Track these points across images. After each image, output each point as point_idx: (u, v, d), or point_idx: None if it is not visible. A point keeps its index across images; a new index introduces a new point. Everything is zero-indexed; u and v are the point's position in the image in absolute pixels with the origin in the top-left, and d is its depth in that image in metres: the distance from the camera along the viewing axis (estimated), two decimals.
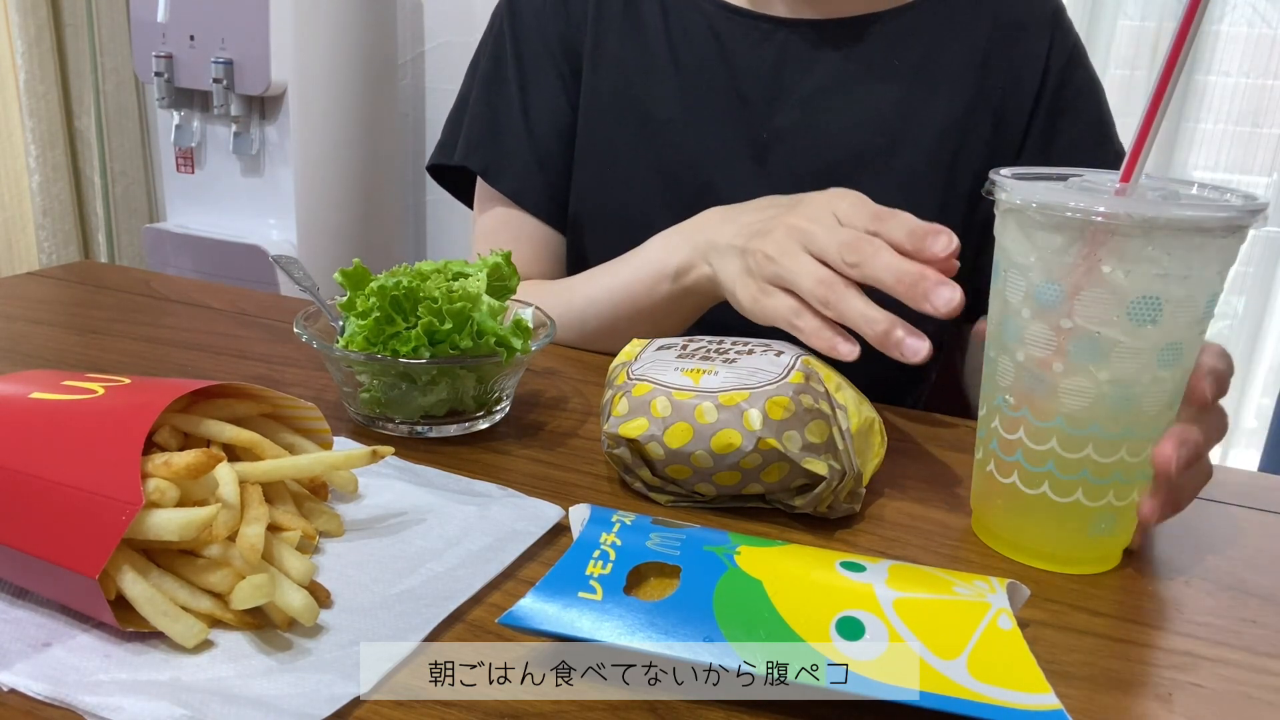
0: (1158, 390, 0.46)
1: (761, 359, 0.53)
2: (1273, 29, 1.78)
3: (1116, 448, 0.46)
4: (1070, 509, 0.47)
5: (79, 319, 0.79)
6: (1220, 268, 0.45)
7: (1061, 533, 0.48)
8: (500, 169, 0.87)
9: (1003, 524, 0.51)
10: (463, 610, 0.42)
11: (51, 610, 0.40)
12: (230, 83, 1.86)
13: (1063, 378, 0.46)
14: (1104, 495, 0.47)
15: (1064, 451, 0.47)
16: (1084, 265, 0.44)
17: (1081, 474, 0.47)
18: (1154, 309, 0.44)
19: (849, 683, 0.35)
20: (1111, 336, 0.45)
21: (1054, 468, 0.47)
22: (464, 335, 0.54)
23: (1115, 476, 0.47)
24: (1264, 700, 0.40)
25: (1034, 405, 0.47)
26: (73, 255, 2.41)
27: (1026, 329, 0.47)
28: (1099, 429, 0.46)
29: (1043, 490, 0.48)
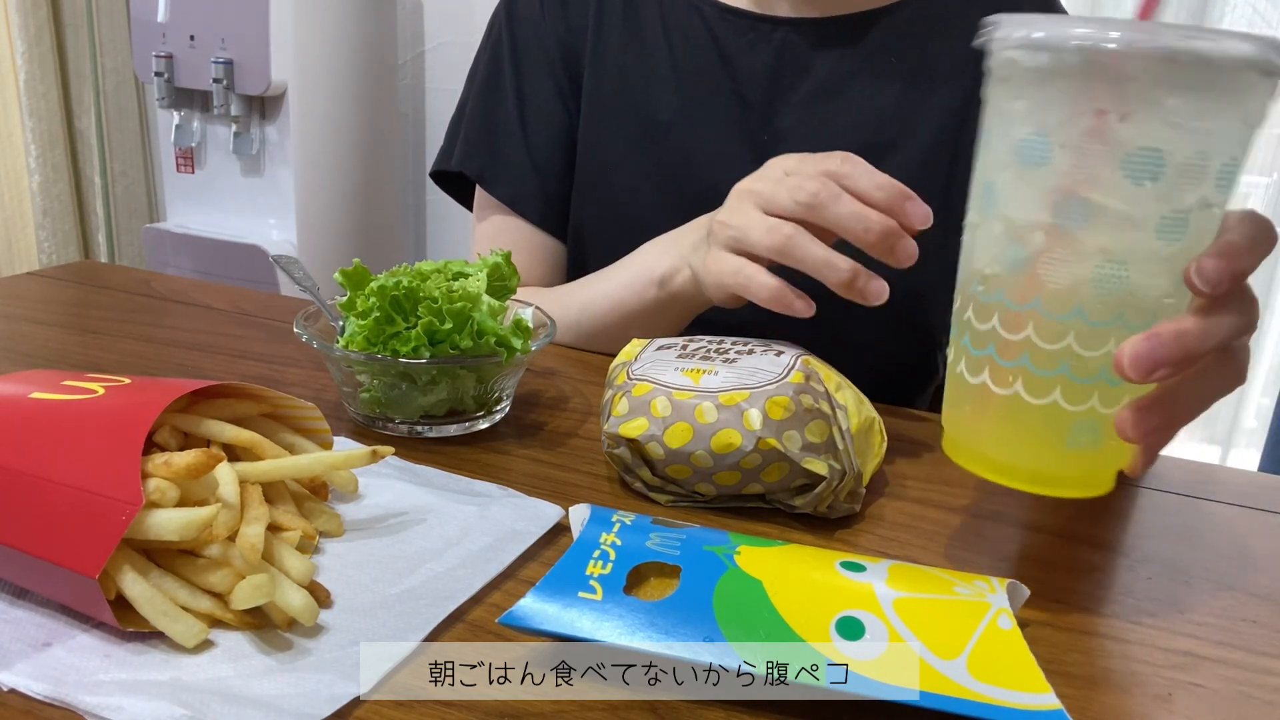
0: (1155, 270, 0.38)
1: (761, 359, 0.53)
2: (1273, 29, 1.78)
3: (1103, 338, 0.39)
4: (1046, 413, 0.40)
5: (79, 319, 0.79)
6: (1241, 124, 0.38)
7: (1036, 443, 0.42)
8: (497, 175, 0.87)
9: (970, 433, 0.44)
10: (463, 610, 0.42)
11: (51, 610, 0.40)
12: (230, 83, 1.86)
13: (1043, 250, 0.39)
14: (1087, 398, 0.40)
15: (1041, 341, 0.40)
16: (1081, 114, 0.38)
17: (1060, 369, 0.40)
18: (1154, 165, 0.37)
19: (849, 683, 0.35)
20: (1100, 199, 0.38)
21: (1029, 361, 0.40)
22: (464, 335, 0.54)
23: (1101, 376, 0.39)
24: (1264, 700, 0.40)
25: (1010, 287, 0.41)
26: (73, 255, 2.41)
27: (1006, 193, 0.41)
28: (1083, 314, 0.39)
29: (1015, 389, 0.41)
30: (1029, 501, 0.56)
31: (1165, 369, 0.38)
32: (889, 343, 0.83)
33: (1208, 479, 0.60)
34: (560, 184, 0.87)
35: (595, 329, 0.76)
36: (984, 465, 0.44)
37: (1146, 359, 0.38)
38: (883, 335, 0.82)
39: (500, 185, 0.87)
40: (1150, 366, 0.37)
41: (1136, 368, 0.38)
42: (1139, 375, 0.38)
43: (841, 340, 0.64)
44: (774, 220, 0.57)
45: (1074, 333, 0.39)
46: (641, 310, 0.73)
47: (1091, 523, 0.54)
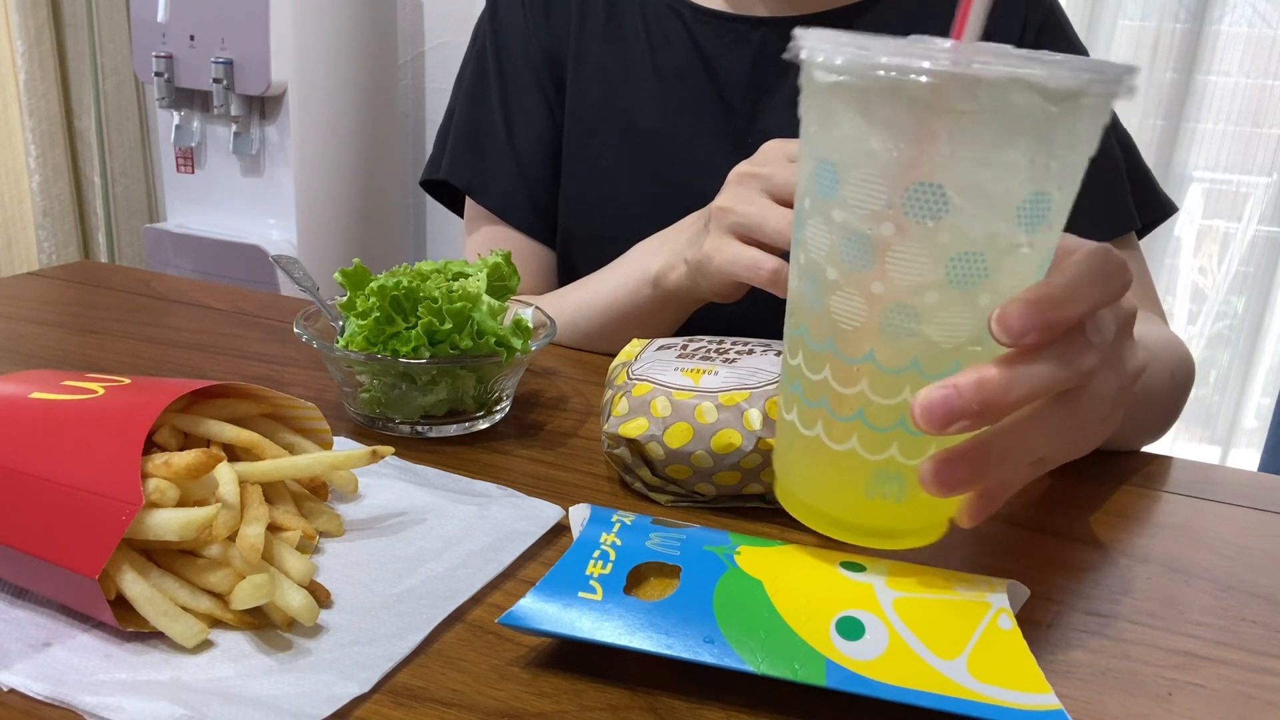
0: (952, 315, 0.35)
1: (761, 359, 0.53)
2: (1273, 29, 1.78)
3: (898, 386, 0.36)
4: (846, 460, 0.38)
5: (79, 319, 0.79)
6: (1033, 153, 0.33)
7: (840, 490, 0.39)
8: (484, 184, 0.87)
9: (783, 470, 0.42)
10: (463, 610, 0.42)
11: (51, 610, 0.40)
12: (230, 83, 1.86)
13: (834, 289, 0.36)
14: (885, 448, 0.37)
15: (838, 385, 0.37)
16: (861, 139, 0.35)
17: (856, 415, 0.37)
18: (937, 200, 0.33)
19: (849, 683, 0.35)
20: (880, 234, 0.34)
21: (827, 405, 0.37)
22: (464, 335, 0.54)
23: (899, 425, 0.37)
24: (1264, 700, 0.40)
25: (810, 323, 0.38)
26: (73, 255, 2.41)
27: (803, 222, 0.38)
28: (874, 360, 0.36)
29: (817, 432, 0.38)
30: (1029, 502, 0.56)
31: (963, 421, 0.34)
32: None
33: (1208, 479, 0.60)
34: (548, 191, 0.87)
35: (592, 331, 0.76)
36: (792, 503, 0.42)
37: (939, 409, 0.34)
38: None
39: (488, 194, 0.87)
40: (943, 418, 0.34)
41: (928, 418, 0.34)
42: (931, 426, 0.34)
43: None
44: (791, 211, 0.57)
45: (867, 378, 0.37)
46: (636, 310, 0.73)
47: (1091, 523, 0.54)
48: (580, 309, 0.77)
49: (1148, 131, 1.87)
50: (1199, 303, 1.97)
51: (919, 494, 0.37)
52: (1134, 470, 0.61)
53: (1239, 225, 1.90)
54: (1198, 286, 1.97)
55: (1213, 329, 1.98)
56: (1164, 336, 0.70)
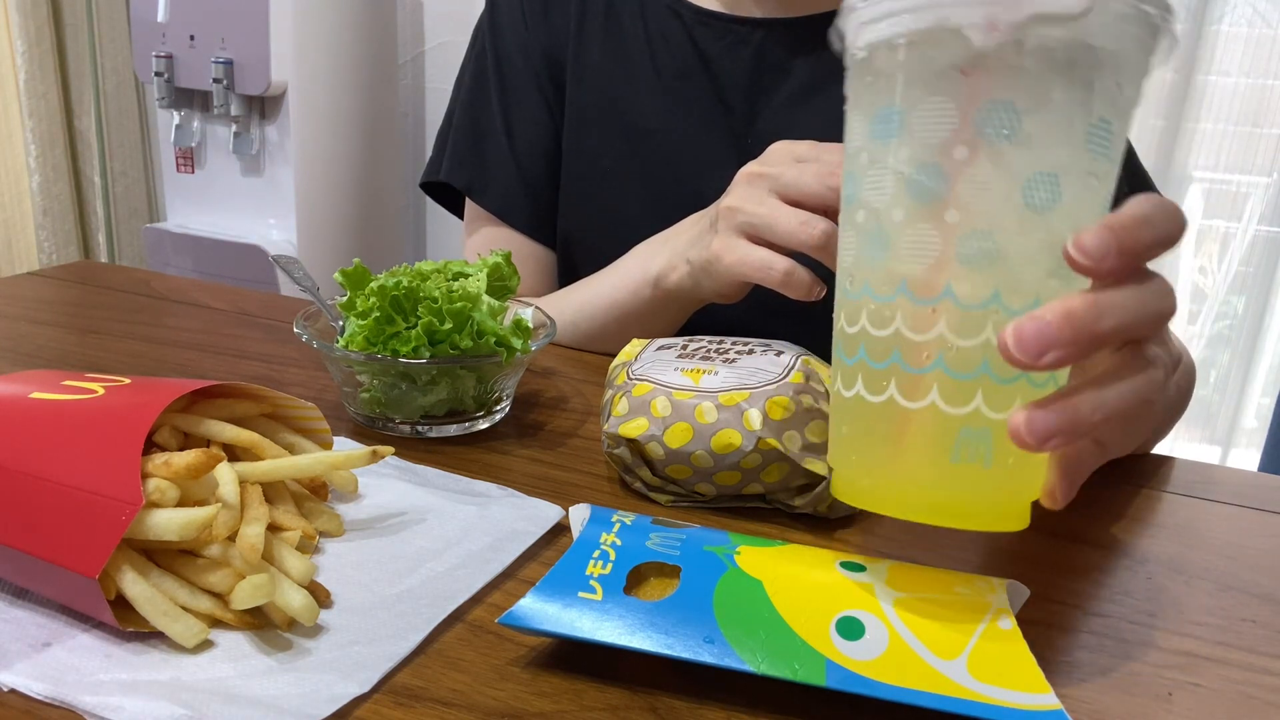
0: (1028, 242, 0.34)
1: (761, 359, 0.53)
2: (1273, 29, 1.78)
3: (979, 325, 0.34)
4: (926, 417, 0.35)
5: (79, 319, 0.79)
6: (1111, 83, 0.34)
7: (920, 458, 0.36)
8: (485, 186, 0.87)
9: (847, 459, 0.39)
10: (463, 610, 0.42)
11: (51, 610, 0.40)
12: (230, 83, 1.86)
13: (903, 229, 0.35)
14: (969, 399, 0.34)
15: (912, 333, 0.35)
16: (929, 72, 0.35)
17: (935, 364, 0.34)
18: (1010, 117, 0.33)
19: (849, 683, 0.35)
20: (953, 159, 0.34)
21: (900, 358, 0.35)
22: (464, 335, 0.54)
23: (983, 369, 0.34)
24: (1264, 700, 0.40)
25: (875, 275, 0.36)
26: (73, 255, 2.41)
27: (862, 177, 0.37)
28: (953, 294, 0.34)
29: (889, 394, 0.35)
30: None
31: (1055, 351, 0.32)
32: None
33: (1208, 479, 0.60)
34: (548, 193, 0.87)
35: (592, 331, 0.76)
36: (877, 499, 0.39)
37: (1031, 336, 0.32)
38: None
39: (488, 196, 0.87)
40: (1037, 346, 0.32)
41: (1021, 346, 0.32)
42: (1024, 354, 0.32)
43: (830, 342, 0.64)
44: (806, 214, 0.57)
45: (945, 318, 0.35)
46: (637, 310, 0.73)
47: (1091, 523, 0.54)
48: (580, 309, 0.77)
49: (1148, 131, 1.87)
50: (1199, 303, 1.97)
51: (1007, 457, 0.35)
52: (1134, 470, 0.61)
53: (1239, 225, 1.90)
54: (1198, 286, 1.97)
55: (1213, 329, 1.98)
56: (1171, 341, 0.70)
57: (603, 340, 0.75)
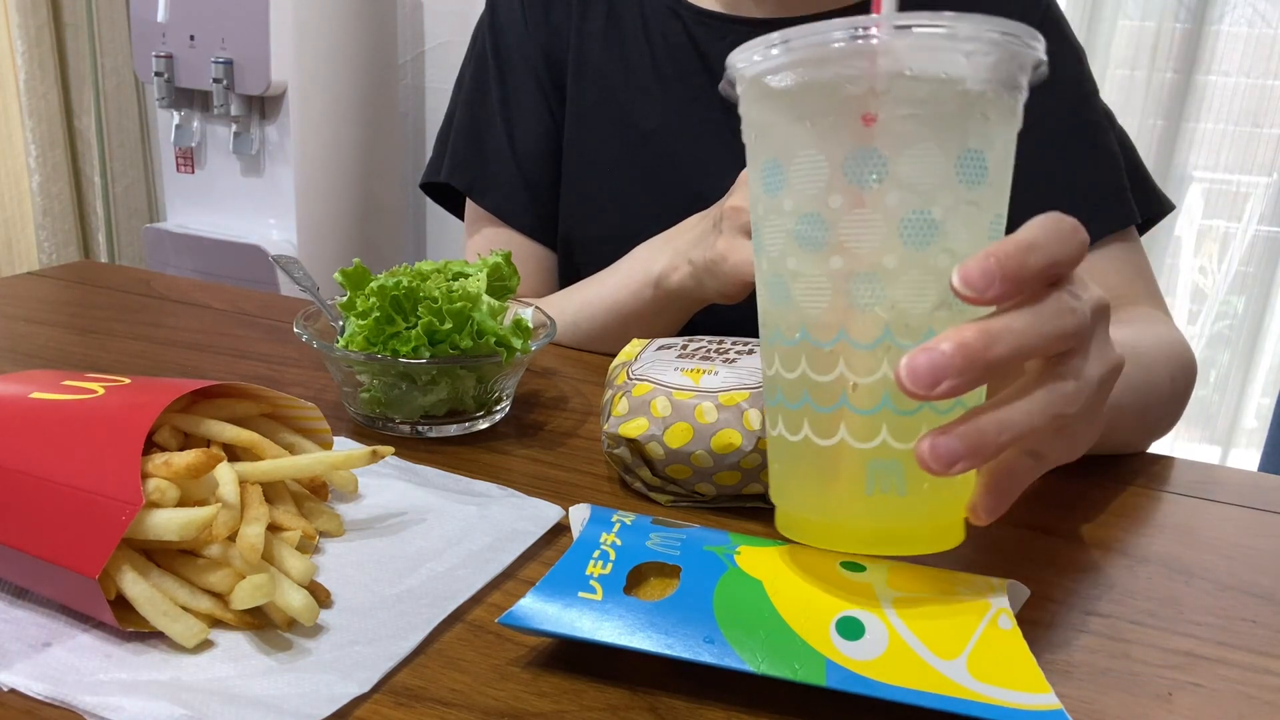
0: (909, 280, 0.35)
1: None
2: (1273, 29, 1.78)
3: (875, 363, 0.35)
4: (837, 454, 0.37)
5: (79, 319, 0.79)
6: (979, 117, 0.35)
7: (838, 494, 0.37)
8: (485, 186, 0.87)
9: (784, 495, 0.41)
10: (463, 610, 0.42)
11: (51, 610, 0.40)
12: (230, 83, 1.86)
13: (795, 277, 0.37)
14: (875, 433, 0.36)
15: (816, 375, 0.36)
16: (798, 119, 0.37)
17: (840, 402, 0.36)
18: (876, 161, 0.34)
19: (849, 683, 0.35)
20: (830, 207, 0.35)
21: (810, 399, 0.36)
22: (464, 335, 0.54)
23: (885, 403, 0.35)
24: (1264, 700, 0.40)
25: (780, 321, 0.38)
26: (73, 255, 2.41)
27: (761, 229, 0.39)
28: (847, 337, 0.36)
29: (804, 433, 0.37)
30: (1029, 502, 0.56)
31: (948, 381, 0.33)
32: None
33: (1208, 479, 0.60)
34: (549, 193, 0.87)
35: (594, 331, 0.76)
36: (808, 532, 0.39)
37: (923, 368, 0.33)
38: None
39: (489, 196, 0.87)
40: (928, 377, 0.33)
41: (913, 378, 0.33)
42: (917, 387, 0.33)
43: None
44: None
45: (844, 359, 0.36)
46: (638, 311, 0.73)
47: (1091, 523, 0.54)
48: (582, 310, 0.77)
49: (1148, 131, 1.87)
50: (1199, 303, 1.97)
51: (921, 485, 0.36)
52: (1134, 470, 0.61)
53: (1239, 225, 1.90)
54: (1198, 286, 1.97)
55: (1213, 329, 1.98)
56: (1164, 338, 0.69)
57: (604, 340, 0.75)
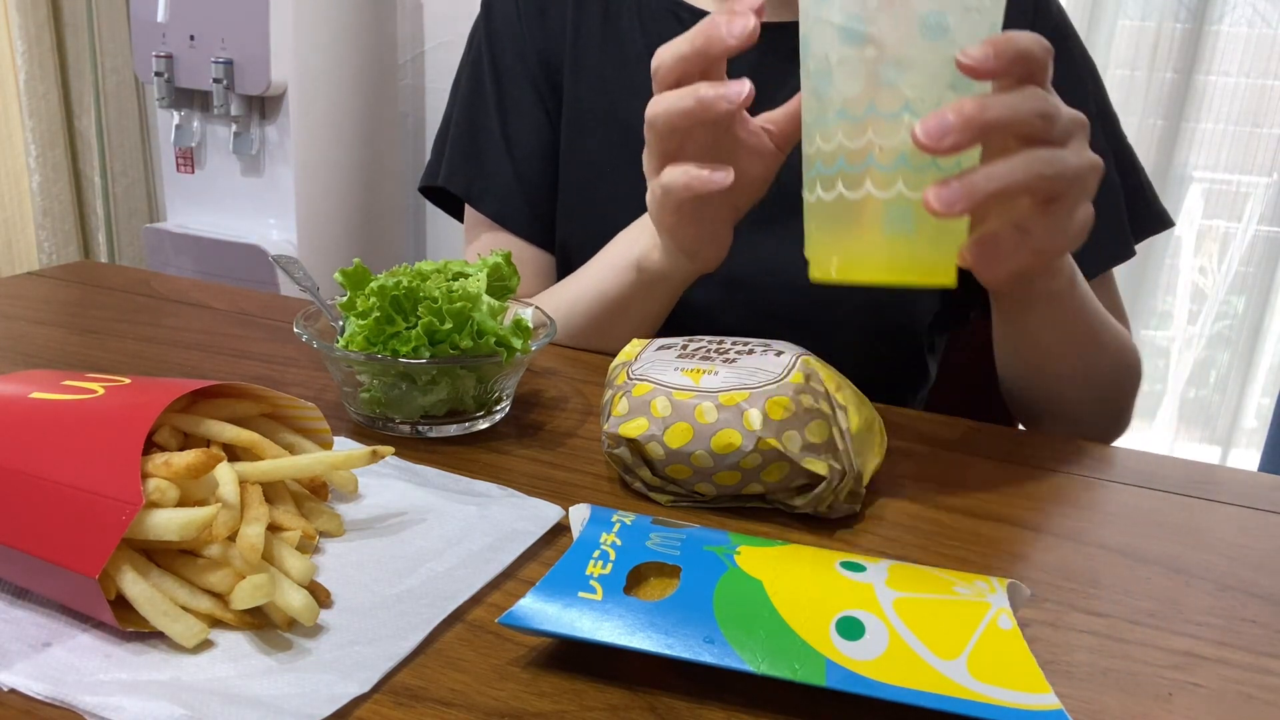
0: (926, 66, 0.45)
1: (761, 359, 0.53)
2: (1273, 29, 1.78)
3: (896, 129, 0.46)
4: (863, 205, 0.48)
5: (79, 319, 0.79)
6: None
7: (861, 236, 0.48)
8: (483, 191, 0.87)
9: (818, 249, 0.51)
10: (463, 610, 0.42)
11: (51, 610, 0.40)
12: (230, 83, 1.86)
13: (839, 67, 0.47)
14: (893, 184, 0.47)
15: (849, 141, 0.47)
16: None
17: (867, 162, 0.47)
18: None
19: (849, 683, 0.35)
20: (868, 10, 0.45)
21: (844, 161, 0.48)
22: (464, 335, 0.54)
23: (901, 161, 0.46)
24: (1264, 700, 0.40)
25: (824, 104, 0.48)
26: (73, 255, 2.41)
27: (810, 42, 0.49)
28: (875, 110, 0.46)
29: (837, 192, 0.48)
30: (1029, 502, 0.56)
31: (952, 136, 0.44)
32: (875, 345, 0.83)
33: (1208, 479, 0.60)
34: (546, 197, 0.87)
35: (585, 323, 0.76)
36: (836, 269, 0.50)
37: (934, 125, 0.44)
38: (868, 338, 0.82)
39: (486, 201, 0.87)
40: (937, 131, 0.44)
41: (926, 133, 0.44)
42: (928, 139, 0.44)
43: (826, 344, 0.64)
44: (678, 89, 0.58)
45: (872, 127, 0.47)
46: (622, 298, 0.73)
47: (1092, 523, 0.54)
48: (573, 304, 0.77)
49: (1148, 131, 1.87)
50: (1199, 303, 1.97)
51: (926, 226, 0.47)
52: (1134, 470, 0.61)
53: (1239, 225, 1.90)
54: (1198, 286, 1.97)
55: (1213, 329, 1.98)
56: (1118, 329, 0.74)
57: (596, 334, 0.75)
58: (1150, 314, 1.99)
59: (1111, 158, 0.81)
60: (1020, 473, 0.60)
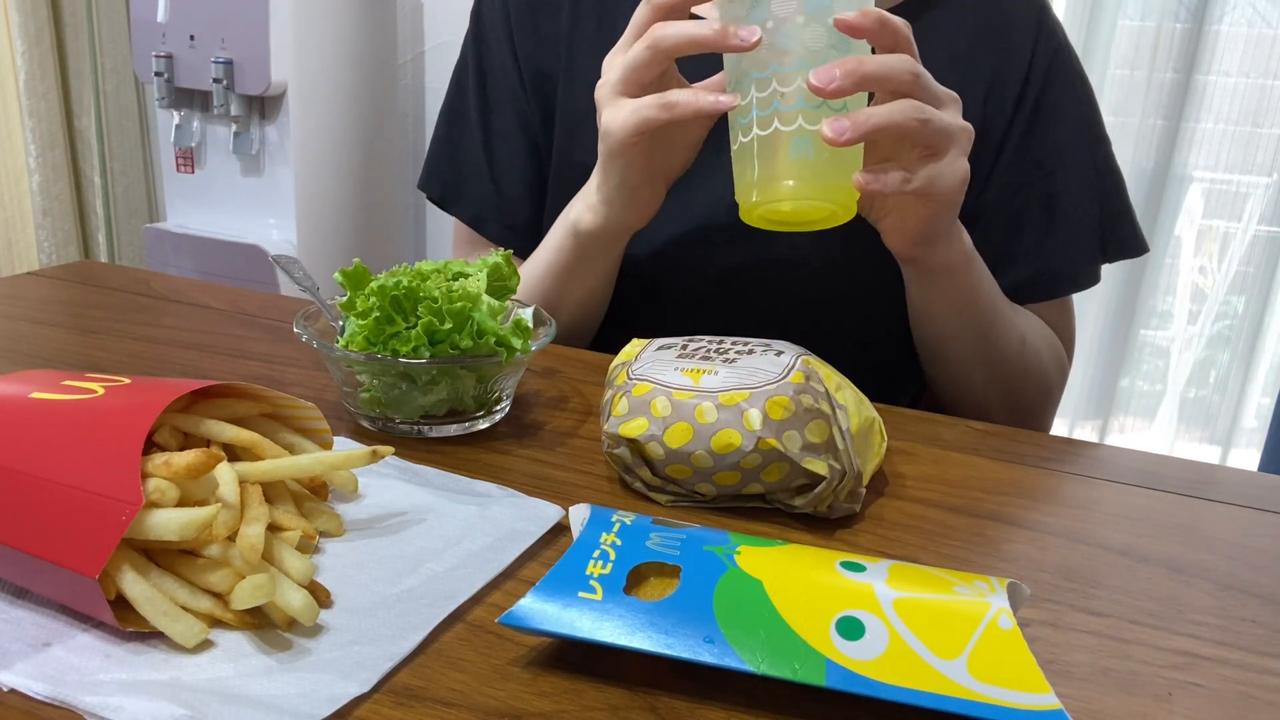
0: (810, 30, 0.56)
1: (761, 359, 0.53)
2: (1273, 29, 1.78)
3: (795, 77, 0.56)
4: (773, 137, 0.57)
5: (79, 319, 0.79)
6: None
7: (772, 162, 0.57)
8: (457, 196, 0.88)
9: (747, 190, 0.59)
10: (463, 610, 0.42)
11: (51, 610, 0.40)
12: (230, 83, 1.86)
13: (765, 33, 0.57)
14: (794, 120, 0.56)
15: (758, 92, 0.57)
16: None
17: (773, 106, 0.57)
18: None
19: (849, 683, 0.35)
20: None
21: (756, 109, 0.57)
22: (464, 335, 0.54)
23: (800, 102, 0.56)
24: (1264, 700, 0.40)
25: (734, 61, 0.59)
26: (73, 255, 2.41)
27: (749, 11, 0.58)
28: (779, 66, 0.56)
29: (753, 133, 0.57)
30: (1029, 502, 0.56)
31: (836, 82, 0.54)
32: (870, 348, 0.83)
33: (1208, 479, 0.60)
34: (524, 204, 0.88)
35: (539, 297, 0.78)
36: (758, 205, 0.58)
37: (823, 72, 0.54)
38: (864, 338, 0.82)
39: (461, 205, 0.88)
40: (825, 76, 0.54)
41: (817, 79, 0.54)
42: (819, 81, 0.54)
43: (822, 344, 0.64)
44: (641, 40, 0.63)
45: (775, 79, 0.57)
46: (566, 264, 0.75)
47: (1092, 523, 0.54)
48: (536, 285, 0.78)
49: (1148, 131, 1.87)
50: (1199, 303, 1.97)
51: (823, 153, 0.56)
52: (1134, 470, 0.61)
53: (1239, 225, 1.90)
54: (1198, 286, 1.97)
55: (1213, 329, 1.98)
56: (1027, 332, 0.79)
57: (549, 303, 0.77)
58: (1150, 314, 1.99)
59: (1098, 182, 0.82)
60: (1020, 473, 0.60)
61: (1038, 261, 0.82)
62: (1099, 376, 2.02)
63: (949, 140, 0.60)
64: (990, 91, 0.80)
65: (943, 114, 0.59)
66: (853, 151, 0.57)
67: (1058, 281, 0.84)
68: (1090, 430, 2.06)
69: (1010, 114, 0.81)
